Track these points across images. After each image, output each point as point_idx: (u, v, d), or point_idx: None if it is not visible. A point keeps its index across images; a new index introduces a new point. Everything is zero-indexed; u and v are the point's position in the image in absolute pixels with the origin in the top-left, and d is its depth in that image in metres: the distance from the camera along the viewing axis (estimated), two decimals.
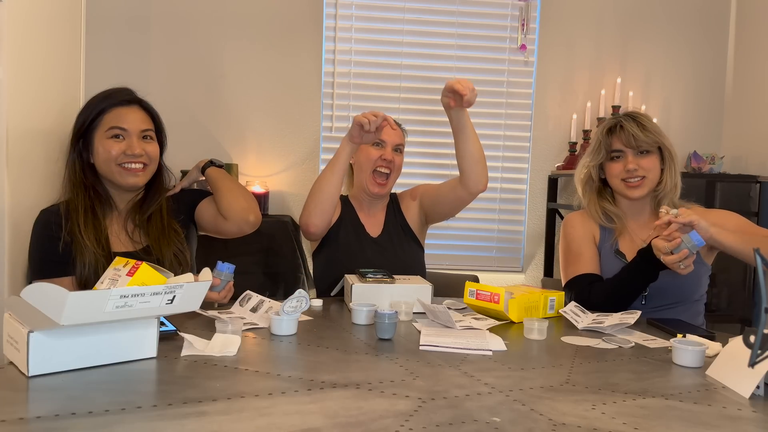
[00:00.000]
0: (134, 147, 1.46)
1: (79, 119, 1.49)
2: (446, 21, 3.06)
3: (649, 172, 1.64)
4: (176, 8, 2.90)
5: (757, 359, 0.92)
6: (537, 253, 3.18)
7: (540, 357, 1.14)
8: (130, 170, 1.47)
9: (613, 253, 1.67)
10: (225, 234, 1.62)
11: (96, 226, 1.44)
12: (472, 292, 1.44)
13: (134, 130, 1.47)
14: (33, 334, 0.89)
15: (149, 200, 1.53)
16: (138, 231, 1.51)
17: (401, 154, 1.89)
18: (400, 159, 1.88)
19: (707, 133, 3.18)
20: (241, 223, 1.59)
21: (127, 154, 1.46)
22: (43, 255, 1.44)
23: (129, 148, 1.46)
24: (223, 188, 1.61)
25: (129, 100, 1.50)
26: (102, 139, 1.46)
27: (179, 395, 0.86)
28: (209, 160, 1.71)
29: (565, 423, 0.81)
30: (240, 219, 1.58)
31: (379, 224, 1.91)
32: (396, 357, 1.09)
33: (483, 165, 1.72)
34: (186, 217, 1.62)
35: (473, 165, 1.70)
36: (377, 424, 0.78)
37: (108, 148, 1.45)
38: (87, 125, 1.47)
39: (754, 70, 3.02)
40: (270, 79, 2.98)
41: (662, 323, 1.42)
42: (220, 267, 1.40)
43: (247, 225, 1.60)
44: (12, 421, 0.75)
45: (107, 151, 1.45)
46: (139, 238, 1.50)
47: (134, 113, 1.49)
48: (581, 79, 3.13)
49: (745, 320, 2.79)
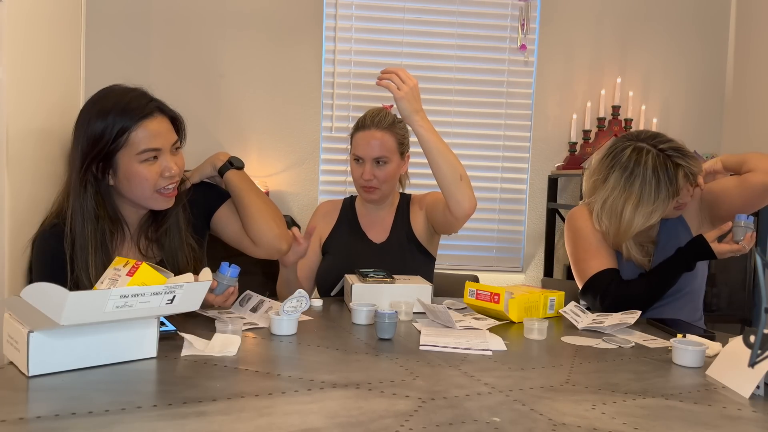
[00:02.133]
0: (171, 167, 1.28)
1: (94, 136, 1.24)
2: (446, 21, 3.06)
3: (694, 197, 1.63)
4: (176, 8, 2.91)
5: (757, 359, 0.92)
6: (537, 253, 3.18)
7: (540, 357, 1.14)
8: (167, 195, 1.30)
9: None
10: (248, 252, 1.48)
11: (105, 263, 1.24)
12: (472, 292, 1.44)
13: (167, 147, 1.28)
14: (33, 334, 0.89)
15: (166, 213, 1.37)
16: (152, 246, 1.37)
17: (389, 163, 1.70)
18: (386, 171, 1.70)
19: (707, 133, 3.18)
20: (273, 252, 1.46)
21: (164, 177, 1.28)
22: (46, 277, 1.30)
23: (166, 169, 1.28)
24: (251, 207, 1.43)
25: (152, 110, 1.28)
26: (133, 162, 1.25)
27: (179, 395, 0.85)
28: (228, 159, 1.49)
29: (565, 423, 0.81)
30: (272, 248, 1.44)
31: (386, 230, 1.80)
32: (396, 357, 1.09)
33: (461, 187, 1.52)
34: (201, 223, 1.46)
35: (449, 188, 1.53)
36: (377, 424, 0.78)
37: (145, 175, 1.25)
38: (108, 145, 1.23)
39: (754, 70, 3.02)
40: (270, 79, 2.98)
41: (662, 323, 1.42)
42: (223, 269, 1.28)
43: (279, 254, 1.48)
44: (12, 421, 0.75)
45: (143, 179, 1.25)
46: (153, 253, 1.37)
47: (162, 125, 1.28)
48: (581, 79, 3.14)
49: (745, 320, 2.79)
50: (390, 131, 1.71)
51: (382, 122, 1.71)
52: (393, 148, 1.71)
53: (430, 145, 1.53)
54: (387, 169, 1.71)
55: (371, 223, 1.82)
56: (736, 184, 1.55)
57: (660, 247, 1.64)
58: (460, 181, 1.53)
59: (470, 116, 3.10)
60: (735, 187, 1.55)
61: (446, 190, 1.54)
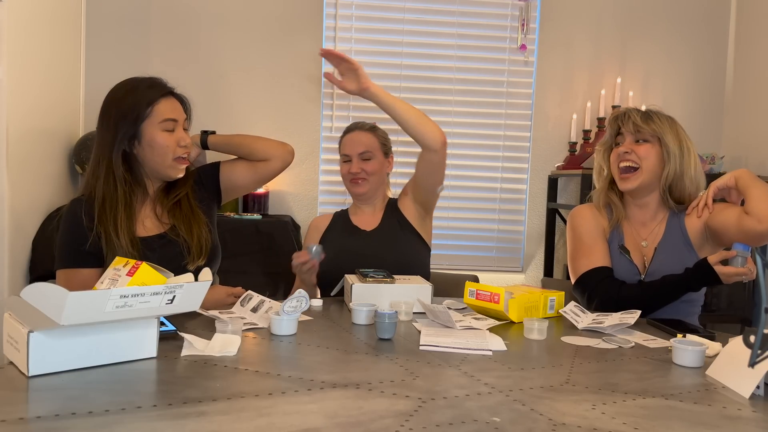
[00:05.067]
0: (185, 137, 1.50)
1: (124, 108, 1.45)
2: (446, 21, 3.06)
3: (642, 160, 1.64)
4: (176, 8, 2.91)
5: (757, 359, 0.93)
6: (537, 253, 3.18)
7: (540, 357, 1.14)
8: (182, 162, 1.50)
9: (618, 248, 1.67)
10: (268, 175, 1.69)
11: (131, 220, 1.46)
12: (472, 292, 1.44)
13: (181, 121, 1.50)
14: (33, 334, 0.89)
15: (177, 184, 1.55)
16: (166, 214, 1.53)
17: (373, 159, 1.89)
18: (372, 165, 1.89)
19: (707, 133, 3.18)
20: (286, 156, 1.68)
21: (180, 146, 1.48)
22: (72, 245, 1.44)
23: (181, 139, 1.48)
24: (243, 142, 1.67)
25: (169, 90, 1.51)
26: (156, 131, 1.45)
27: (179, 395, 0.86)
28: (201, 132, 1.72)
29: (565, 423, 0.81)
30: (283, 152, 1.67)
31: (376, 222, 1.92)
32: (396, 357, 1.09)
33: (425, 123, 1.71)
34: (210, 194, 1.64)
35: (416, 127, 1.71)
36: (377, 424, 0.78)
37: (164, 143, 1.46)
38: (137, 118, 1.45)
39: (754, 69, 3.02)
40: (270, 79, 2.98)
41: (662, 323, 1.42)
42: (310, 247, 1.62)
43: (291, 155, 1.69)
44: (12, 421, 0.75)
45: (163, 146, 1.46)
46: (167, 219, 1.53)
47: (177, 104, 1.51)
48: (581, 79, 3.14)
49: (745, 320, 2.79)
50: (372, 133, 1.93)
51: (365, 126, 1.95)
52: (376, 147, 1.91)
53: (388, 100, 1.69)
54: (372, 164, 1.90)
55: (362, 219, 1.94)
56: (735, 223, 1.53)
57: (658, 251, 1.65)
58: (424, 117, 1.72)
59: (470, 116, 3.10)
60: (733, 225, 1.54)
61: (415, 130, 1.71)
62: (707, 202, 1.62)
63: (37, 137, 2.14)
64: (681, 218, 1.67)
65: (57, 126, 2.39)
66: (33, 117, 2.15)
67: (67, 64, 2.63)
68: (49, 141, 2.16)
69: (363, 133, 1.92)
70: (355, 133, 1.93)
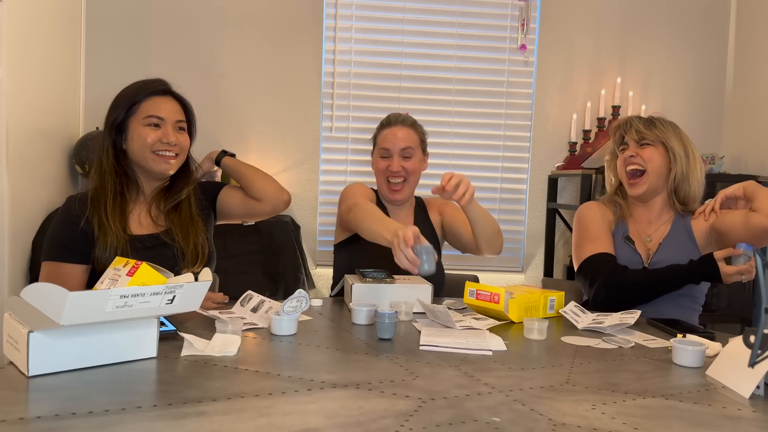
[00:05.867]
0: (169, 135, 1.50)
1: (116, 107, 1.51)
2: (446, 21, 3.06)
3: (648, 163, 1.67)
4: (176, 8, 2.91)
5: (757, 359, 0.93)
6: (537, 253, 3.18)
7: (540, 357, 1.14)
8: (163, 157, 1.50)
9: (623, 238, 1.70)
10: (257, 215, 1.69)
11: (122, 209, 1.48)
12: (472, 292, 1.44)
13: (170, 119, 1.51)
14: (33, 334, 0.89)
15: (176, 189, 1.57)
16: (162, 217, 1.54)
17: (413, 157, 1.80)
18: (412, 163, 1.79)
19: (707, 133, 3.18)
20: (278, 203, 1.67)
21: (162, 142, 1.49)
22: (59, 239, 1.45)
23: (165, 137, 1.49)
24: (248, 173, 1.68)
25: (164, 90, 1.54)
26: (139, 126, 1.49)
27: (179, 395, 0.86)
28: (221, 150, 1.75)
29: (565, 423, 0.81)
30: (276, 199, 1.66)
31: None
32: (396, 357, 1.09)
33: (496, 241, 1.73)
34: (208, 205, 1.66)
35: (487, 244, 1.72)
36: (377, 424, 0.78)
37: (144, 135, 1.48)
38: (124, 112, 1.50)
39: (754, 70, 3.02)
40: (270, 79, 2.98)
41: (662, 323, 1.42)
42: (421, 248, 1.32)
43: (284, 204, 1.68)
44: (12, 421, 0.75)
45: (143, 138, 1.48)
46: (163, 222, 1.54)
47: (170, 103, 1.53)
48: (581, 79, 3.14)
49: (745, 320, 2.80)
50: (413, 128, 1.83)
51: (406, 120, 1.84)
52: (417, 143, 1.82)
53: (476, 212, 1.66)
54: (413, 162, 1.81)
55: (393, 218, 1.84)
56: (742, 221, 1.57)
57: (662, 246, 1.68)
58: (497, 235, 1.74)
59: (470, 116, 3.10)
60: (740, 224, 1.57)
61: (486, 245, 1.73)
62: (714, 207, 1.66)
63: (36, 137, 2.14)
64: (687, 220, 1.71)
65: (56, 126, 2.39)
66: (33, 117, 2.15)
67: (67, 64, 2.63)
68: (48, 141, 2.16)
69: (405, 128, 1.81)
70: (397, 127, 1.81)
